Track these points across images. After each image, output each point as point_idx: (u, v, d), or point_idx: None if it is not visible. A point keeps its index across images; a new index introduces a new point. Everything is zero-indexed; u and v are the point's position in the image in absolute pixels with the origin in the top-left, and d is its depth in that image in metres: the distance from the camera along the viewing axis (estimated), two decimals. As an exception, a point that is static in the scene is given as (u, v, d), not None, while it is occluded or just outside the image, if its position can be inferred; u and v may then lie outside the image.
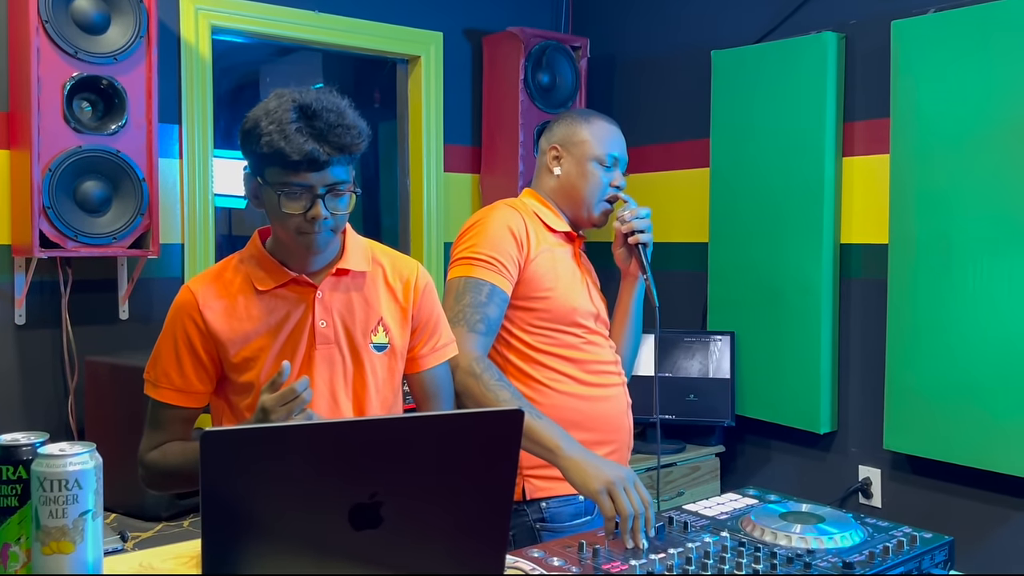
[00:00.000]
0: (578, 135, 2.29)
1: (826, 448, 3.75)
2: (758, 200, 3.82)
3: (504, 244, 2.14)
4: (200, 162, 3.64)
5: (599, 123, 2.31)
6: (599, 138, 2.28)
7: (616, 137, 2.32)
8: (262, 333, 1.80)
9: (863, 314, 3.62)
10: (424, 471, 1.23)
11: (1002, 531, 3.23)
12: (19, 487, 1.32)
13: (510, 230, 2.16)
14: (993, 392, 3.10)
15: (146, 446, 1.85)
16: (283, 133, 1.66)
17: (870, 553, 1.62)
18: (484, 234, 2.16)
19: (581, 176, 2.28)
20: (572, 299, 2.21)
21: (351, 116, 1.72)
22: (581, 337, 2.23)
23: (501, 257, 2.13)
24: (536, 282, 2.18)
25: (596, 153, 2.27)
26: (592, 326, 2.26)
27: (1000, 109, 3.08)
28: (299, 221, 1.72)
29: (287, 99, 1.70)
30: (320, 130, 1.67)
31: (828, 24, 3.67)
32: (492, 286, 2.11)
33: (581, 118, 2.32)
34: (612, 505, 1.76)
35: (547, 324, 2.19)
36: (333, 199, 1.73)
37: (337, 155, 1.69)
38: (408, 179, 4.38)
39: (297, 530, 1.18)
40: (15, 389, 3.27)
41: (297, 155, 1.66)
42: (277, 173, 1.70)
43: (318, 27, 3.95)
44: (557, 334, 2.20)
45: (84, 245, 3.04)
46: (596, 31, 4.57)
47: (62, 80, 2.99)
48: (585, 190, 2.28)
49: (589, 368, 2.23)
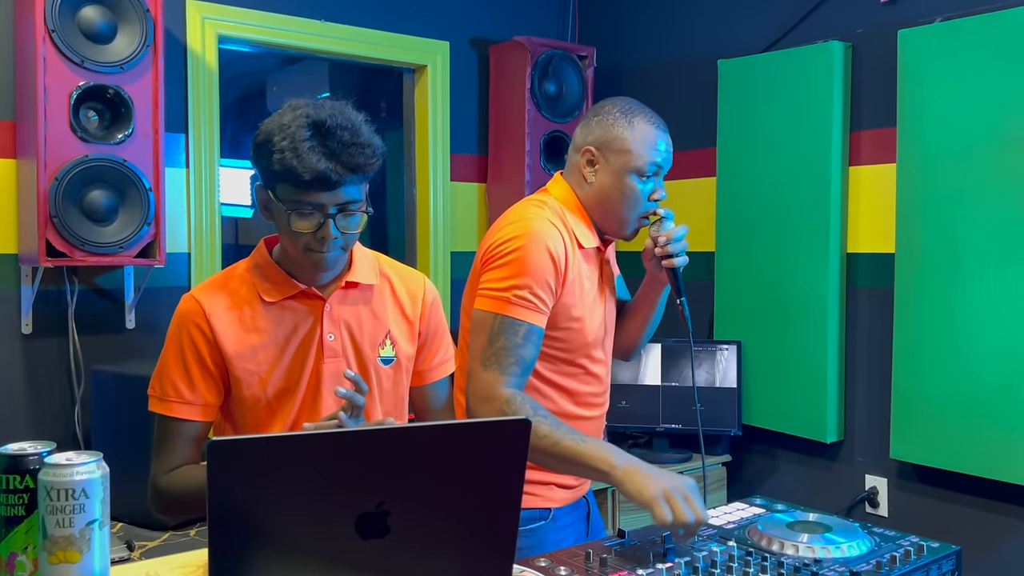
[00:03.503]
0: (618, 142, 2.05)
1: (833, 457, 3.74)
2: (765, 209, 3.81)
3: (544, 274, 1.96)
4: (206, 171, 3.64)
5: (642, 126, 2.06)
6: (641, 146, 2.04)
7: (660, 141, 2.07)
8: (269, 345, 1.77)
9: (870, 323, 3.61)
10: (431, 480, 1.23)
11: (1009, 541, 3.21)
12: (26, 496, 1.32)
13: (551, 256, 1.97)
14: (1000, 401, 3.09)
15: (158, 470, 1.77)
16: (296, 151, 1.62)
17: (877, 563, 1.61)
18: (523, 263, 1.95)
19: (617, 190, 2.06)
20: (590, 331, 2.10)
21: (366, 134, 1.68)
22: (584, 369, 2.12)
23: (541, 291, 1.95)
24: (562, 314, 2.04)
25: (637, 165, 2.04)
26: (599, 356, 2.16)
27: (1007, 118, 3.08)
28: (308, 239, 1.69)
29: (301, 114, 1.66)
30: (333, 149, 1.63)
31: (835, 33, 3.67)
32: (529, 326, 1.94)
33: (623, 119, 2.06)
34: (666, 513, 1.70)
35: (558, 354, 2.08)
36: (344, 218, 1.70)
37: (350, 175, 1.65)
38: (415, 188, 4.39)
39: (304, 539, 1.18)
40: (22, 398, 3.27)
41: (309, 175, 1.62)
42: (288, 190, 1.67)
43: (325, 36, 3.96)
44: (563, 364, 2.10)
45: (90, 254, 3.05)
46: (603, 40, 4.58)
47: (69, 89, 3.00)
48: (621, 205, 2.07)
49: (580, 400, 2.15)
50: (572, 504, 2.20)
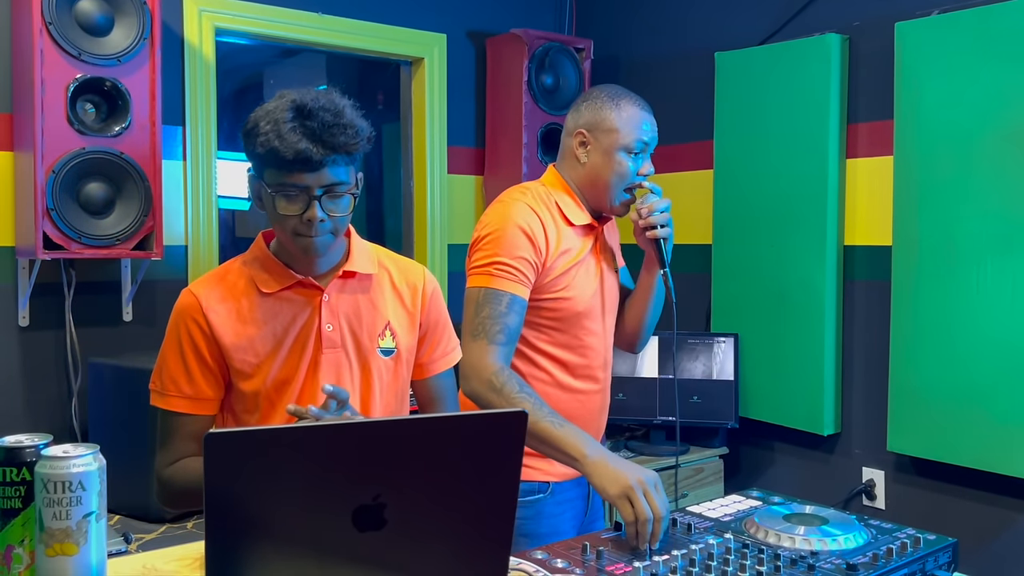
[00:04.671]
0: (607, 123, 2.19)
1: (830, 450, 3.75)
2: (762, 202, 3.81)
3: (520, 248, 2.09)
4: (203, 164, 3.64)
5: (628, 108, 2.20)
6: (628, 125, 2.19)
7: (645, 121, 2.21)
8: (267, 337, 1.77)
9: (867, 316, 3.61)
10: (428, 473, 1.23)
11: (1006, 533, 3.22)
12: (23, 489, 1.32)
13: (524, 232, 2.10)
14: (997, 394, 3.09)
15: (162, 462, 1.79)
16: (278, 132, 1.64)
17: (874, 555, 1.62)
18: (500, 241, 2.10)
19: (608, 167, 2.20)
20: (581, 302, 2.19)
21: (349, 115, 1.69)
22: (579, 339, 2.21)
23: (518, 264, 2.08)
24: (550, 285, 2.15)
25: (625, 143, 2.18)
26: (593, 327, 2.24)
27: (1004, 111, 3.08)
28: (295, 223, 1.69)
29: (286, 99, 1.68)
30: (313, 129, 1.64)
31: (832, 26, 3.66)
32: (511, 296, 2.07)
33: (610, 101, 2.21)
34: (631, 509, 1.74)
35: (549, 323, 2.18)
36: (330, 200, 1.70)
37: (331, 154, 1.66)
38: (412, 181, 4.39)
39: (301, 532, 1.18)
40: (19, 391, 3.27)
41: (290, 154, 1.63)
42: (274, 174, 1.68)
43: (322, 29, 3.95)
44: (556, 333, 2.19)
45: (87, 247, 3.04)
46: (600, 33, 4.57)
47: (66, 82, 2.99)
48: (611, 180, 2.20)
49: (576, 372, 2.22)
50: (573, 480, 2.25)
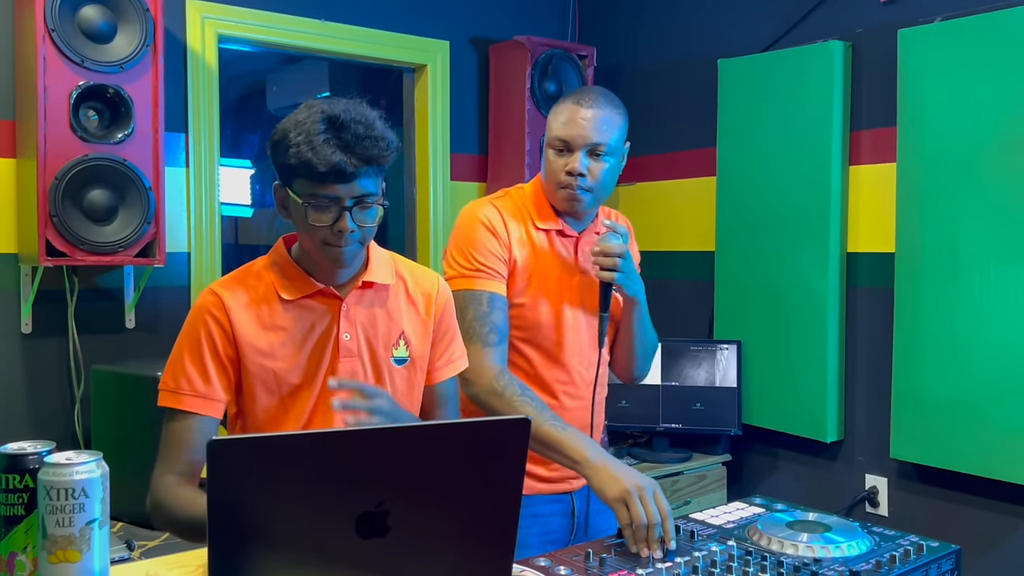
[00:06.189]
0: (549, 120, 2.17)
1: (833, 457, 3.74)
2: (765, 209, 3.81)
3: (484, 243, 2.10)
4: (206, 171, 3.64)
5: (563, 105, 2.14)
6: (553, 122, 2.14)
7: (569, 118, 2.10)
8: (287, 343, 1.78)
9: (870, 323, 3.61)
10: (431, 480, 1.23)
11: (1009, 540, 3.21)
12: (26, 496, 1.32)
13: (484, 225, 2.11)
14: (1000, 401, 3.09)
15: (160, 470, 1.73)
16: (311, 144, 1.64)
17: (877, 562, 1.62)
18: (462, 240, 2.13)
19: (544, 163, 2.17)
20: (540, 314, 2.16)
21: (380, 127, 1.70)
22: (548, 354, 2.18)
23: (486, 260, 2.10)
24: (513, 287, 2.14)
25: (549, 138, 2.14)
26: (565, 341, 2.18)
27: (1007, 118, 3.08)
28: (326, 233, 1.70)
29: (316, 110, 1.68)
30: (348, 142, 1.65)
31: (835, 33, 3.67)
32: (489, 294, 2.08)
33: (561, 102, 2.16)
34: (628, 513, 1.75)
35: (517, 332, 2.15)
36: (360, 211, 1.71)
37: (364, 167, 1.67)
38: (415, 188, 4.39)
39: (303, 539, 1.18)
40: (22, 398, 3.27)
41: (324, 166, 1.64)
42: (305, 184, 1.69)
43: (324, 36, 3.96)
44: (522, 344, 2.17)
45: (90, 254, 3.04)
46: (603, 40, 4.58)
47: (68, 89, 2.99)
48: (544, 177, 2.19)
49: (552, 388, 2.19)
50: (545, 496, 2.21)
